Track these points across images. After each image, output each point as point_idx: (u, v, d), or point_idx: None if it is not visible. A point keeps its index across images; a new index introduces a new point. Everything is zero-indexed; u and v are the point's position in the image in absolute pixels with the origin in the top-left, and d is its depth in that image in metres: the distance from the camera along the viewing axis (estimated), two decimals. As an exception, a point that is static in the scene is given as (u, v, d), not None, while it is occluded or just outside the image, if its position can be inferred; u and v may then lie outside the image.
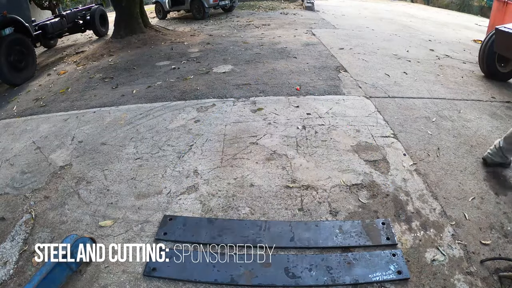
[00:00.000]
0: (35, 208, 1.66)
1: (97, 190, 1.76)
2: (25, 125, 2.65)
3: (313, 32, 5.42)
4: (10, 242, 1.47)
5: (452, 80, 3.22)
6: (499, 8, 4.78)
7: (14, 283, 1.28)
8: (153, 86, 3.26)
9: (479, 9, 11.50)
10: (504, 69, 3.18)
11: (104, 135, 2.32)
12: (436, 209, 1.54)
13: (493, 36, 3.03)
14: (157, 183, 1.77)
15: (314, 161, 1.89)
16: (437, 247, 1.35)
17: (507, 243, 1.37)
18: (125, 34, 5.59)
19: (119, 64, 4.26)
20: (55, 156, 2.11)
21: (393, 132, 2.17)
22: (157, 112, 2.61)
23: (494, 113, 2.51)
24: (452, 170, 1.82)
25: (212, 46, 4.82)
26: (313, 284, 1.21)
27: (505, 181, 1.75)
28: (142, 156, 2.02)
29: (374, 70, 3.44)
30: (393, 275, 1.22)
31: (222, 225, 1.48)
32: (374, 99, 2.69)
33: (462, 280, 1.22)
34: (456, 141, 2.10)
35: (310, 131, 2.19)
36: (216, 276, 1.24)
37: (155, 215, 1.56)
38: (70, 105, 2.98)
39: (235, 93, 2.90)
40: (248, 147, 2.03)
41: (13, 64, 4.03)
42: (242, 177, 1.79)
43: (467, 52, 4.45)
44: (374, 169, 1.81)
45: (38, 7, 7.70)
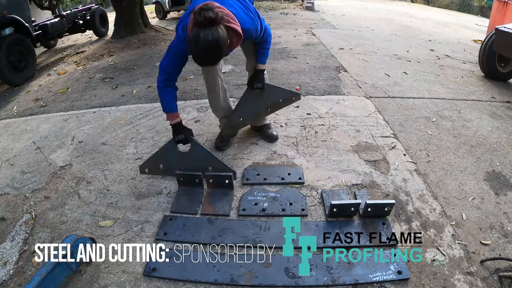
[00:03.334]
0: (35, 208, 1.66)
1: (97, 190, 1.76)
2: (25, 125, 2.65)
3: (313, 32, 5.42)
4: (10, 242, 1.47)
5: (452, 80, 3.22)
6: (499, 8, 4.79)
7: (14, 283, 1.28)
8: (153, 86, 3.25)
9: (479, 9, 11.51)
10: (504, 69, 3.18)
11: (104, 135, 2.32)
12: (436, 209, 1.54)
13: (493, 36, 3.03)
14: (157, 183, 1.77)
15: (314, 161, 1.89)
16: (437, 247, 1.35)
17: (507, 243, 1.37)
18: (125, 34, 5.59)
19: (119, 64, 4.26)
20: (55, 156, 2.11)
21: (393, 132, 2.17)
22: (157, 112, 2.61)
23: (494, 113, 2.51)
24: (452, 170, 1.82)
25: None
26: (313, 284, 1.21)
27: (505, 181, 1.75)
28: (142, 156, 2.02)
29: (374, 70, 3.44)
30: (393, 275, 1.22)
31: (222, 225, 1.48)
32: (374, 99, 2.69)
33: (462, 280, 1.22)
34: (456, 141, 2.10)
35: (310, 131, 2.19)
36: (216, 276, 1.24)
37: (155, 215, 1.56)
38: (70, 105, 2.98)
39: (235, 93, 2.90)
40: (248, 147, 2.03)
41: (13, 64, 4.03)
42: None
43: (467, 52, 4.45)
44: (374, 169, 1.81)
45: (38, 7, 7.70)
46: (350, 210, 1.47)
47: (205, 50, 1.24)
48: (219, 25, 1.24)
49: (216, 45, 1.23)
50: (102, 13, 6.91)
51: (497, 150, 2.01)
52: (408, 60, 3.86)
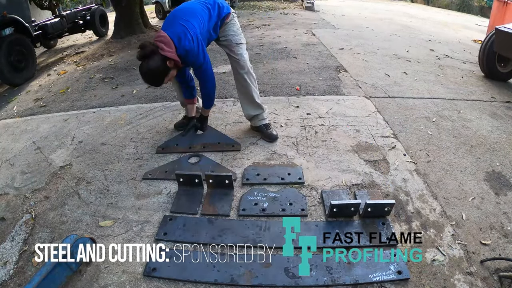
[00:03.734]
0: (35, 208, 1.66)
1: (97, 190, 1.76)
2: (25, 125, 2.65)
3: (313, 32, 5.42)
4: (10, 242, 1.47)
5: (452, 80, 3.22)
6: (499, 8, 4.79)
7: (14, 283, 1.28)
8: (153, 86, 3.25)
9: (479, 9, 11.51)
10: (504, 69, 3.18)
11: (104, 135, 2.32)
12: (436, 209, 1.54)
13: (493, 36, 3.03)
14: (157, 183, 1.77)
15: (314, 161, 1.89)
16: (437, 247, 1.35)
17: (507, 243, 1.37)
18: (125, 34, 5.59)
19: (119, 64, 4.26)
20: (55, 156, 2.11)
21: (393, 132, 2.17)
22: (157, 112, 2.61)
23: (494, 113, 2.51)
24: (452, 170, 1.82)
25: (212, 46, 4.79)
26: (313, 284, 1.21)
27: (505, 181, 1.75)
28: (142, 156, 2.02)
29: (374, 70, 3.44)
30: (393, 275, 1.22)
31: (222, 225, 1.48)
32: (374, 99, 2.69)
33: (462, 280, 1.22)
34: (456, 141, 2.10)
35: (310, 131, 2.19)
36: (216, 276, 1.24)
37: (155, 215, 1.56)
38: (70, 105, 2.98)
39: (235, 93, 2.89)
40: (248, 147, 2.03)
41: (13, 64, 4.03)
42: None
43: (467, 52, 4.45)
44: (374, 169, 1.81)
45: (38, 7, 7.70)
46: (350, 210, 1.47)
47: (144, 77, 1.65)
48: (152, 57, 1.58)
49: (150, 73, 1.62)
50: (102, 13, 6.91)
51: (497, 150, 2.01)
52: (408, 60, 3.87)
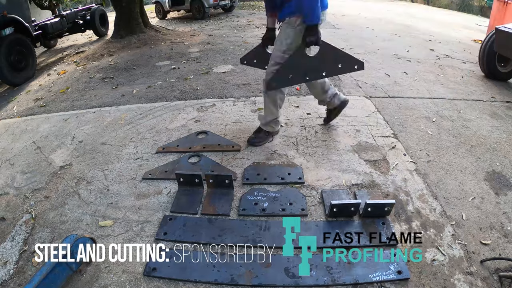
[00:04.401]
0: (35, 208, 1.66)
1: (97, 190, 1.76)
2: (25, 125, 2.65)
3: (313, 32, 5.41)
4: (10, 242, 1.47)
5: (452, 80, 3.22)
6: (499, 8, 4.78)
7: (14, 283, 1.28)
8: (153, 86, 3.26)
9: (479, 9, 11.50)
10: (504, 69, 3.18)
11: (104, 135, 2.32)
12: (436, 209, 1.54)
13: (493, 36, 3.03)
14: (157, 183, 1.77)
15: (314, 161, 1.89)
16: (437, 247, 1.35)
17: (507, 243, 1.37)
18: (125, 34, 5.59)
19: (119, 64, 4.26)
20: (55, 156, 2.11)
21: (393, 132, 2.17)
22: (157, 112, 2.61)
23: (494, 113, 2.51)
24: (452, 170, 1.82)
25: (212, 46, 4.82)
26: (313, 284, 1.21)
27: (505, 181, 1.75)
28: (142, 156, 2.02)
29: (374, 70, 3.43)
30: (393, 275, 1.22)
31: (222, 225, 1.48)
32: (374, 99, 2.69)
33: (462, 280, 1.22)
34: (456, 141, 2.10)
35: (310, 131, 2.19)
36: (216, 276, 1.24)
37: (155, 215, 1.56)
38: (70, 105, 2.98)
39: (235, 93, 2.90)
40: (248, 147, 2.03)
41: (13, 64, 4.04)
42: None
43: (467, 52, 4.44)
44: (374, 169, 1.81)
45: (38, 7, 7.71)
46: (350, 210, 1.47)
47: None
48: None
49: None
50: (102, 13, 6.92)
51: (497, 150, 2.01)
52: (408, 60, 3.86)
